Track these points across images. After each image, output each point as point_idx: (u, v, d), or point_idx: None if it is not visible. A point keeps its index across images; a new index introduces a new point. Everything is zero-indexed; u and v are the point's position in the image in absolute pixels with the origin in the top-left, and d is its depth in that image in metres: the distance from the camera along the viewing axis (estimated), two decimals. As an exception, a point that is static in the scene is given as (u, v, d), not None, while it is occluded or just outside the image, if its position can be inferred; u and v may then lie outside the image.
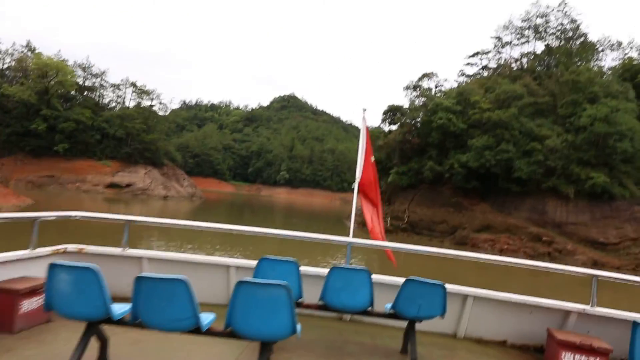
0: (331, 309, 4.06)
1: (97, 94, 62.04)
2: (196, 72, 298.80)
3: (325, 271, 4.10)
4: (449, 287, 4.44)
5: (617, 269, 26.85)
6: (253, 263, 4.41)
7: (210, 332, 3.03)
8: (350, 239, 5.04)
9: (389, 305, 4.06)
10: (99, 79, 61.38)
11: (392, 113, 41.42)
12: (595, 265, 27.66)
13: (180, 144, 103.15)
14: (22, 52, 58.73)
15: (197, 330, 2.95)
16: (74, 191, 49.00)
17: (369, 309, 4.02)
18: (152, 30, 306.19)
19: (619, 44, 44.51)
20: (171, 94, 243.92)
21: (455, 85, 43.64)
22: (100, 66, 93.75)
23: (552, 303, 4.57)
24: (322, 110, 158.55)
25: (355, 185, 6.09)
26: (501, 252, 29.08)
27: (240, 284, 2.89)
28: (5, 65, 58.87)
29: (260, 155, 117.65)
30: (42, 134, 51.44)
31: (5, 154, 51.69)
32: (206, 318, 3.03)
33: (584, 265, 27.35)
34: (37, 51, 57.70)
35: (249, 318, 2.91)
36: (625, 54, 44.22)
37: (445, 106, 35.32)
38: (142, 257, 4.91)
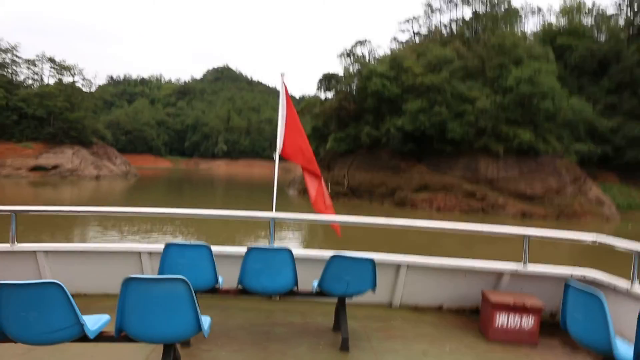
0: (251, 293, 3.76)
1: (9, 70, 57.16)
2: (124, 47, 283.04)
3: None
4: (381, 256, 4.41)
5: (543, 218, 29.08)
6: None
7: (101, 338, 2.64)
8: (272, 213, 4.63)
9: (316, 283, 3.82)
10: (9, 54, 56.45)
11: (327, 81, 41.49)
12: (524, 216, 29.76)
13: (110, 121, 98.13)
14: None
15: (84, 337, 2.57)
16: (-6, 176, 45.62)
17: (294, 289, 3.77)
18: (76, 2, 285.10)
19: (539, 9, 47.83)
20: (97, 69, 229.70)
21: (388, 52, 44.24)
22: (9, 40, 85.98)
23: (486, 265, 4.58)
24: (258, 81, 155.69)
25: (276, 156, 5.63)
26: (439, 210, 30.55)
27: (129, 281, 2.50)
28: None
29: (196, 129, 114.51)
30: None
31: None
32: (97, 322, 2.67)
33: (514, 217, 29.37)
34: None
35: (143, 319, 2.55)
36: (545, 20, 47.19)
37: (379, 72, 35.79)
38: (37, 250, 4.37)
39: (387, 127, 34.96)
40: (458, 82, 34.95)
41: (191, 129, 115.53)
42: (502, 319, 4.01)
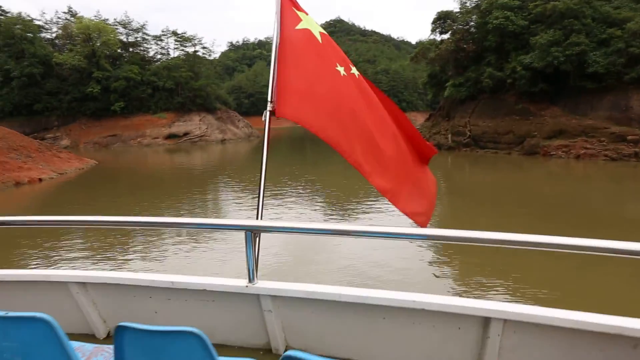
0: None
1: (141, 48, 62.04)
2: (241, 13, 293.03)
3: None
4: (454, 302, 2.31)
5: None
6: (115, 276, 2.80)
7: None
8: (251, 221, 2.63)
9: None
10: (140, 34, 61.08)
11: (442, 21, 37.67)
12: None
13: (233, 86, 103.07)
14: (65, 19, 59.43)
15: None
16: (137, 146, 50.65)
17: None
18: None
19: None
20: (217, 36, 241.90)
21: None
22: (138, 20, 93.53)
23: None
24: (372, 30, 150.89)
25: (266, 116, 3.14)
26: (578, 159, 26.45)
27: None
28: (53, 35, 60.01)
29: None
30: (98, 96, 52.73)
31: (71, 121, 53.93)
32: None
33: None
34: (78, 15, 58.12)
35: None
36: None
37: (501, 3, 31.39)
38: None
39: (513, 67, 30.80)
40: (601, 2, 29.23)
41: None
42: None
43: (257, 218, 2.78)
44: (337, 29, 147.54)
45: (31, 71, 51.02)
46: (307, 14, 3.09)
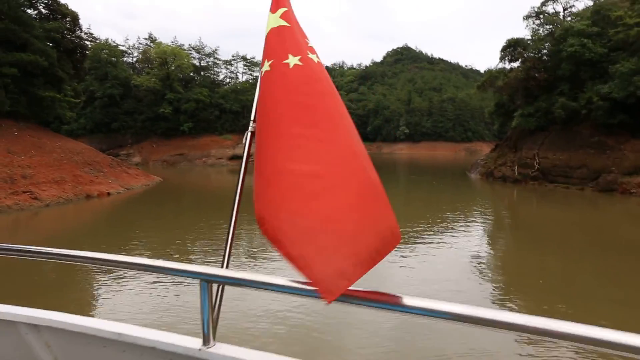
0: None
1: (212, 72, 64.91)
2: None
3: None
4: None
5: None
6: (74, 319, 2.36)
7: None
8: (209, 269, 2.01)
9: None
10: (211, 58, 64.09)
11: (512, 48, 36.31)
12: None
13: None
14: (145, 44, 63.63)
15: None
16: (201, 166, 52.51)
17: None
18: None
19: None
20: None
21: (590, 3, 36.62)
22: (211, 45, 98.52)
23: None
24: (439, 58, 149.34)
25: (248, 132, 2.28)
26: (661, 198, 24.12)
27: None
28: (134, 59, 64.36)
29: (378, 113, 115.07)
30: (169, 116, 55.49)
31: (143, 139, 57.03)
32: None
33: None
34: (157, 41, 62.01)
35: None
36: None
37: (578, 30, 29.76)
38: None
39: (588, 97, 28.91)
40: (692, 30, 26.93)
41: (373, 113, 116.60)
42: None
43: (222, 265, 2.08)
44: (404, 56, 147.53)
45: (112, 92, 54.80)
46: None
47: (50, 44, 30.06)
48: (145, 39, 64.92)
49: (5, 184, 21.73)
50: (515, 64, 36.82)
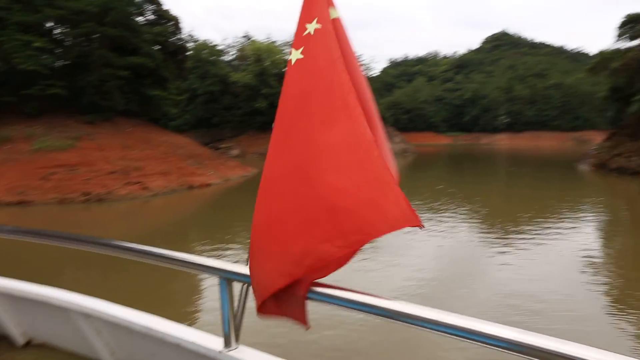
0: None
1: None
2: (400, 29, 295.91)
3: None
4: None
5: None
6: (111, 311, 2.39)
7: None
8: (231, 265, 1.82)
9: None
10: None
11: (632, 24, 32.54)
12: None
13: (391, 102, 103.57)
14: (242, 42, 66.46)
15: None
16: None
17: None
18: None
19: None
20: (377, 53, 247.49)
21: None
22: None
23: None
24: (541, 43, 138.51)
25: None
26: None
27: None
28: (232, 57, 67.53)
29: (475, 102, 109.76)
30: (264, 110, 57.45)
31: (241, 133, 59.82)
32: None
33: None
34: (253, 39, 64.50)
35: None
36: None
37: None
38: None
39: None
40: None
41: (470, 103, 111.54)
42: None
43: (247, 262, 1.69)
44: (503, 42, 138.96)
45: (212, 89, 58.02)
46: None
47: (156, 47, 32.39)
48: (242, 37, 67.78)
49: (121, 176, 23.83)
50: (636, 42, 32.97)
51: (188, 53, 39.90)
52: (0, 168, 22.60)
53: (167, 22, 34.70)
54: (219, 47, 64.68)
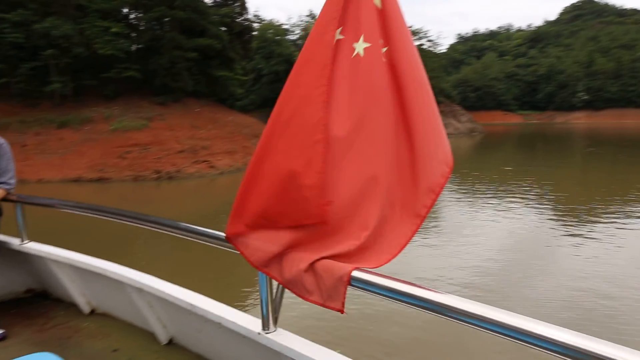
0: None
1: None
2: (468, 1, 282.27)
3: None
4: None
5: None
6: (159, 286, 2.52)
7: None
8: None
9: None
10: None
11: None
12: None
13: (459, 79, 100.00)
14: (306, 21, 66.45)
15: None
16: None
17: None
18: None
19: None
20: (443, 29, 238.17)
21: None
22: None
23: None
24: (632, 9, 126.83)
25: None
26: None
27: None
28: (296, 36, 67.76)
29: (550, 78, 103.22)
30: (328, 90, 57.62)
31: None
32: None
33: None
34: (316, 17, 64.38)
35: None
36: None
37: None
38: (47, 257, 3.21)
39: None
40: None
41: (544, 79, 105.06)
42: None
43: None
44: (586, 10, 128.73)
45: (277, 69, 58.58)
46: None
47: (223, 28, 33.11)
48: (307, 15, 67.89)
49: (190, 154, 24.86)
50: None
51: (254, 33, 40.46)
52: (82, 147, 24.32)
53: (233, 2, 35.32)
54: (284, 27, 65.17)
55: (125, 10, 30.55)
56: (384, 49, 1.53)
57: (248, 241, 1.55)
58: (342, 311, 1.36)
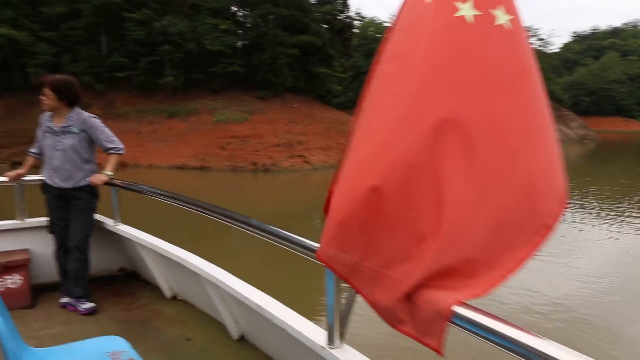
0: None
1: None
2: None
3: None
4: None
5: None
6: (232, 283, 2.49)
7: None
8: None
9: None
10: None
11: None
12: None
13: (572, 81, 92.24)
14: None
15: None
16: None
17: None
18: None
19: None
20: (558, 26, 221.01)
21: None
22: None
23: None
24: None
25: None
26: None
27: None
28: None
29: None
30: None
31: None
32: None
33: None
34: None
35: None
36: None
37: None
38: (133, 239, 3.44)
39: None
40: None
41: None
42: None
43: None
44: None
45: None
46: None
47: (324, 26, 33.48)
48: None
49: (285, 149, 25.51)
50: None
51: (354, 31, 40.51)
52: (188, 136, 25.99)
53: (335, 0, 35.56)
54: (385, 24, 64.58)
55: (234, 8, 32.09)
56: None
57: (340, 256, 1.28)
58: (439, 352, 1.08)
